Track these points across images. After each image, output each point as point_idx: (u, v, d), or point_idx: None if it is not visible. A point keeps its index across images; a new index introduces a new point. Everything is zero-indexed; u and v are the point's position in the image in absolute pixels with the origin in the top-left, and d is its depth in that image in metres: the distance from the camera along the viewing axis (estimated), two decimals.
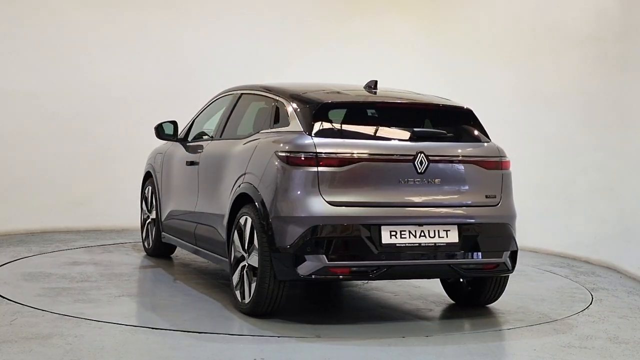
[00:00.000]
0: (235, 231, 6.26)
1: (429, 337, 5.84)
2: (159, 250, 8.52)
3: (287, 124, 6.17)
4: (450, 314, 6.56)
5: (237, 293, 6.26)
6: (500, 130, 10.48)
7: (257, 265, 5.96)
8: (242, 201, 6.25)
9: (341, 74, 10.39)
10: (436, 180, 6.01)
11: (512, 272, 6.32)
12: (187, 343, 5.43)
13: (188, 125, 8.00)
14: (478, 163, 6.20)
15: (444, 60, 10.94)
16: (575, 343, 5.80)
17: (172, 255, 8.69)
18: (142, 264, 8.28)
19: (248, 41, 10.92)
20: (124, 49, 10.62)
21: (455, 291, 6.85)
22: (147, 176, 8.74)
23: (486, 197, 6.18)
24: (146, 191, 8.74)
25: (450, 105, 6.59)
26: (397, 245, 5.83)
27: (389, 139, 6.12)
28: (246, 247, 6.13)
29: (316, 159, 5.81)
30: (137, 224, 9.13)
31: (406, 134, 6.14)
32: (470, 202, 6.11)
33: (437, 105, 6.57)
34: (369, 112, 6.42)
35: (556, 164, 10.01)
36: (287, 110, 6.27)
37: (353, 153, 5.88)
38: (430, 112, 6.52)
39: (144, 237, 8.81)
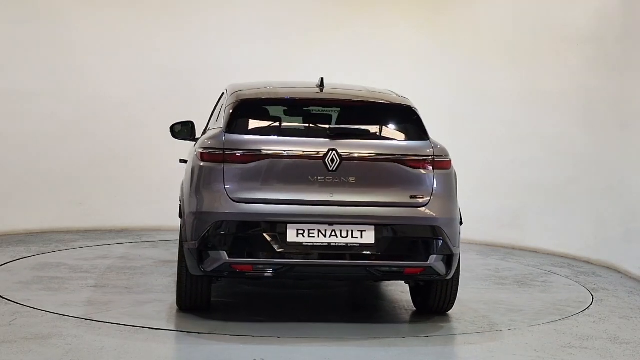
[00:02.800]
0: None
1: (429, 337, 5.84)
2: None
3: (221, 122, 6.21)
4: (450, 314, 6.54)
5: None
6: (500, 130, 10.52)
7: None
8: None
9: (341, 75, 10.37)
10: (350, 178, 5.78)
11: (447, 278, 5.97)
12: (187, 343, 5.43)
13: (206, 125, 7.99)
14: (402, 162, 5.89)
15: (444, 61, 10.92)
16: (576, 343, 5.79)
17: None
18: (142, 264, 8.27)
19: (248, 42, 10.91)
20: (124, 49, 10.61)
21: (414, 296, 6.65)
22: None
23: (411, 197, 5.85)
24: None
25: (387, 103, 6.37)
26: (304, 244, 5.68)
27: (302, 136, 6.03)
28: None
29: (223, 156, 5.78)
30: (137, 223, 9.12)
31: (323, 131, 6.05)
32: (390, 202, 5.83)
33: (372, 102, 6.37)
34: (292, 109, 6.37)
35: (556, 164, 10.01)
36: (223, 109, 6.33)
37: (260, 150, 5.80)
38: (363, 110, 6.34)
39: None
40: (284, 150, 5.81)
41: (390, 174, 5.87)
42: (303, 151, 5.82)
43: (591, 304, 7.15)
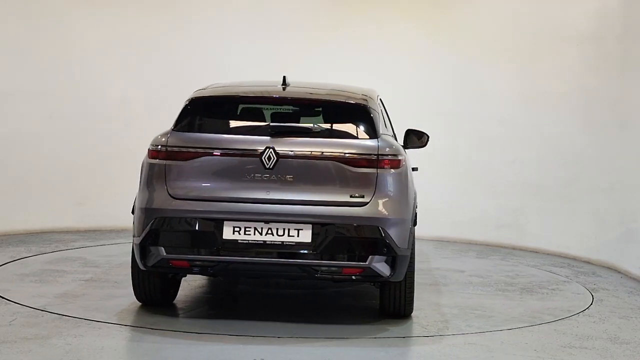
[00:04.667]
0: None
1: (429, 337, 5.84)
2: None
3: None
4: (450, 315, 6.54)
5: None
6: (500, 130, 10.52)
7: None
8: None
9: (341, 75, 10.37)
10: (288, 176, 5.76)
11: (394, 280, 5.88)
12: (187, 343, 5.43)
13: None
14: (342, 160, 5.79)
15: (444, 60, 10.93)
16: (576, 343, 5.80)
17: None
18: None
19: (248, 42, 10.90)
20: (124, 49, 10.60)
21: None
22: None
23: (350, 196, 5.77)
24: None
25: (339, 101, 6.27)
26: (240, 241, 5.69)
27: (245, 134, 6.02)
28: None
29: (166, 153, 5.88)
30: None
31: (266, 129, 6.03)
32: (328, 200, 5.75)
33: (324, 100, 6.33)
34: (242, 108, 6.36)
35: (556, 164, 10.01)
36: None
37: (199, 147, 5.85)
38: (314, 108, 6.34)
39: None
40: (223, 148, 5.85)
41: (330, 172, 5.80)
42: (241, 149, 5.83)
43: (591, 304, 7.15)
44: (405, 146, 7.95)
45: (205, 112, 6.19)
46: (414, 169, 7.76)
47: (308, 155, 5.81)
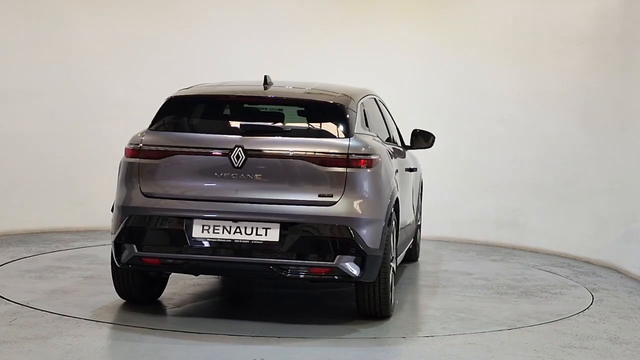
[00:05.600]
0: None
1: (429, 337, 5.84)
2: None
3: None
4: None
5: None
6: (500, 130, 10.52)
7: None
8: None
9: (341, 75, 10.37)
10: (256, 175, 5.76)
11: (364, 280, 5.83)
12: (187, 343, 5.42)
13: None
14: (311, 160, 5.76)
15: (444, 60, 10.93)
16: (576, 343, 5.79)
17: None
18: None
19: (248, 42, 10.90)
20: (124, 49, 10.60)
21: None
22: None
23: (319, 196, 5.74)
24: None
25: (314, 100, 6.25)
26: (209, 240, 5.74)
27: (217, 133, 6.01)
28: None
29: (140, 152, 5.94)
30: None
31: (236, 128, 6.03)
32: (296, 200, 5.73)
33: (299, 100, 6.32)
34: (218, 107, 6.36)
35: (556, 164, 10.01)
36: None
37: (170, 146, 5.91)
38: (290, 107, 6.32)
39: None
40: (193, 147, 5.88)
41: (299, 171, 5.77)
42: (211, 148, 5.86)
43: (591, 304, 7.15)
44: (412, 146, 8.00)
45: (181, 111, 6.23)
46: (411, 170, 7.73)
47: (277, 154, 5.80)
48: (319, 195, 5.75)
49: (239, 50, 10.86)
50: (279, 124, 6.10)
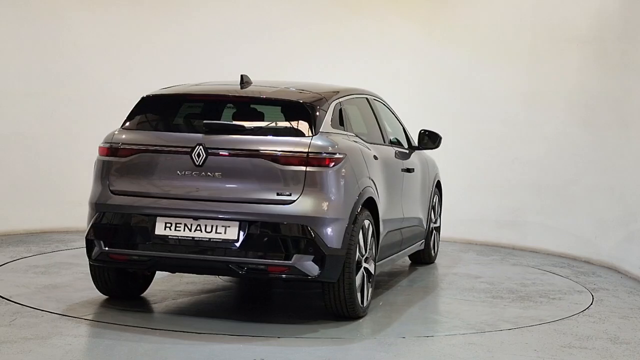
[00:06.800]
0: None
1: (429, 337, 5.84)
2: None
3: None
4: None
5: None
6: (501, 130, 10.52)
7: None
8: None
9: (341, 74, 10.37)
10: (216, 173, 5.79)
11: (325, 280, 5.81)
12: (187, 343, 5.42)
13: None
14: (270, 158, 5.75)
15: (444, 60, 10.93)
16: (576, 343, 5.79)
17: None
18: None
19: (248, 42, 10.90)
20: (124, 49, 10.60)
21: None
22: None
23: (277, 194, 5.73)
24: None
25: (281, 99, 6.22)
26: (170, 237, 5.80)
27: (182, 131, 6.08)
28: None
29: (110, 150, 6.08)
30: None
31: (199, 127, 6.04)
32: (255, 198, 5.73)
33: (266, 99, 6.30)
34: (186, 106, 6.39)
35: (556, 164, 10.01)
36: None
37: (135, 144, 6.01)
38: (256, 106, 6.32)
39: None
40: (157, 145, 5.97)
41: (258, 170, 5.76)
42: (174, 146, 5.93)
43: (591, 304, 7.15)
44: (418, 147, 7.98)
45: (153, 110, 6.32)
46: (408, 170, 7.66)
47: (236, 152, 5.83)
48: (277, 194, 5.75)
49: (238, 50, 10.86)
50: (242, 123, 6.08)
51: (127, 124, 6.22)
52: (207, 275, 7.39)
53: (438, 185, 8.97)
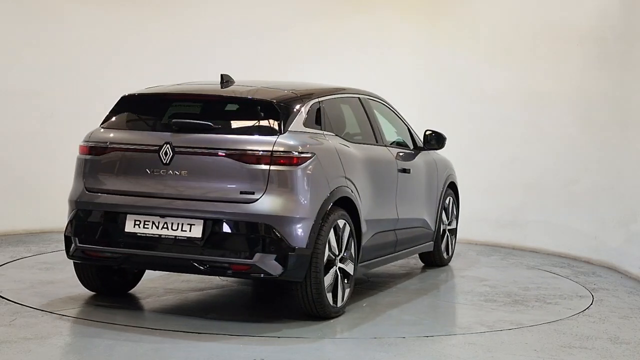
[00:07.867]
0: None
1: (429, 337, 5.84)
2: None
3: None
4: (450, 314, 6.54)
5: None
6: (500, 130, 10.52)
7: None
8: None
9: (341, 74, 10.38)
10: (182, 172, 5.86)
11: (285, 278, 5.79)
12: (187, 343, 5.43)
13: None
14: (235, 157, 5.79)
15: (444, 60, 10.93)
16: (576, 343, 5.79)
17: None
18: None
19: (247, 42, 10.90)
20: (124, 49, 10.60)
21: None
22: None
23: (240, 193, 5.76)
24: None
25: (250, 98, 6.17)
26: (139, 234, 5.90)
27: (153, 130, 6.13)
28: None
29: (87, 148, 6.25)
30: None
31: (168, 126, 6.07)
32: (219, 196, 5.78)
33: (235, 98, 6.28)
34: (161, 105, 6.37)
35: (556, 164, 10.02)
36: None
37: (109, 142, 6.14)
38: (227, 105, 6.29)
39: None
40: (128, 144, 6.09)
41: (223, 168, 5.82)
42: (142, 144, 6.03)
43: (591, 304, 7.15)
44: (423, 147, 7.98)
45: (130, 109, 6.42)
46: (404, 170, 7.61)
47: (202, 151, 5.88)
48: (241, 193, 5.79)
49: (238, 50, 10.86)
50: (210, 122, 6.05)
51: (106, 122, 6.35)
52: (207, 276, 7.38)
53: (452, 187, 8.85)
